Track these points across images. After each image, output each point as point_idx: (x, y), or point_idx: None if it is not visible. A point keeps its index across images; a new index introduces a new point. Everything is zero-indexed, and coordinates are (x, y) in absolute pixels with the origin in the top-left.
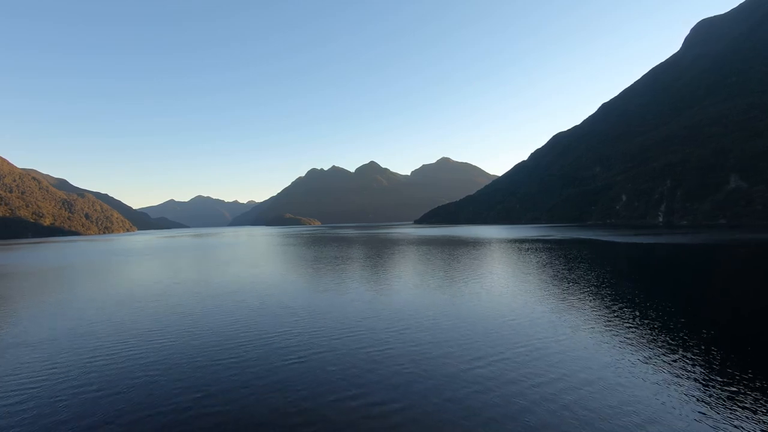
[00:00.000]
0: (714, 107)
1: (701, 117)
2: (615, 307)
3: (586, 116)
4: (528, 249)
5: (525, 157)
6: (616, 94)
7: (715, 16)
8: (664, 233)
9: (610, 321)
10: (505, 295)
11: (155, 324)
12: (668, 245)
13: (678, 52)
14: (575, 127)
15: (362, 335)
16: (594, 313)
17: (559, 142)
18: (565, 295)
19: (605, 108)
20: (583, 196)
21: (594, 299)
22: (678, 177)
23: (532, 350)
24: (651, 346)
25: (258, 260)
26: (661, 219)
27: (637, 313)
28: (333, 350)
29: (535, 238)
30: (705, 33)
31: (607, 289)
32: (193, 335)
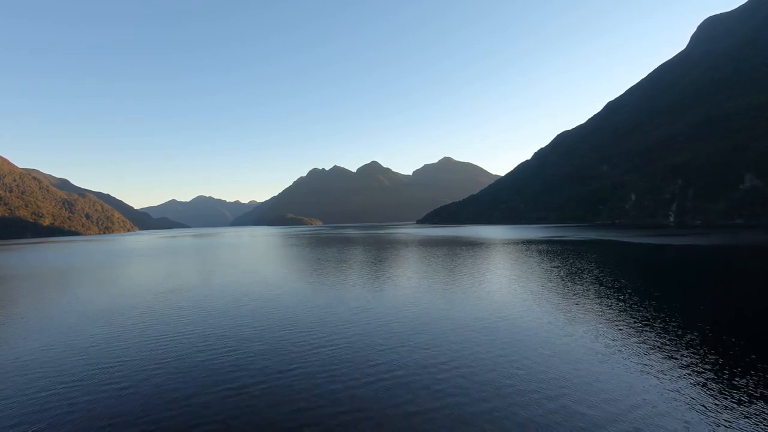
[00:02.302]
0: (727, 103)
1: (713, 114)
2: (655, 320)
3: (589, 115)
4: (547, 251)
5: (527, 156)
6: (617, 93)
7: (721, 14)
8: (682, 234)
9: (645, 334)
10: (535, 307)
11: (149, 335)
12: (693, 247)
13: (685, 49)
14: (580, 126)
15: (371, 346)
16: (640, 331)
17: (564, 141)
18: (601, 304)
19: (611, 106)
20: (590, 195)
21: (634, 311)
22: (690, 176)
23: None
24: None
25: (261, 263)
26: (672, 219)
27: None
28: (345, 372)
29: (549, 239)
30: (712, 30)
31: (647, 299)
32: (192, 345)
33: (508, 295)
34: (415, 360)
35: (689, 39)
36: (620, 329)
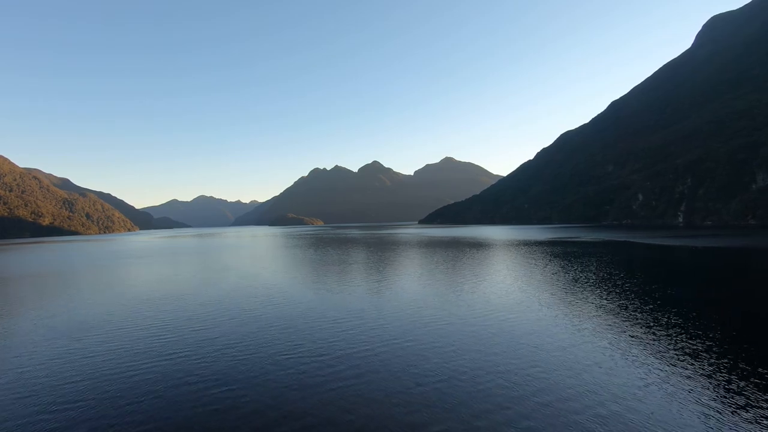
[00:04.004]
0: (735, 102)
1: (722, 113)
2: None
3: (591, 115)
4: (564, 254)
5: (528, 156)
6: (619, 92)
7: (727, 12)
8: (699, 235)
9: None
10: (556, 314)
11: (128, 350)
12: (713, 249)
13: (690, 48)
14: (584, 126)
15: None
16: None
17: (568, 140)
18: (629, 311)
19: (615, 105)
20: (596, 195)
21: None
22: (699, 175)
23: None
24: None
25: (262, 266)
26: (681, 219)
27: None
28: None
29: (560, 240)
30: (719, 28)
31: (681, 306)
32: (178, 359)
33: (526, 301)
34: (426, 368)
35: (694, 38)
36: (645, 336)
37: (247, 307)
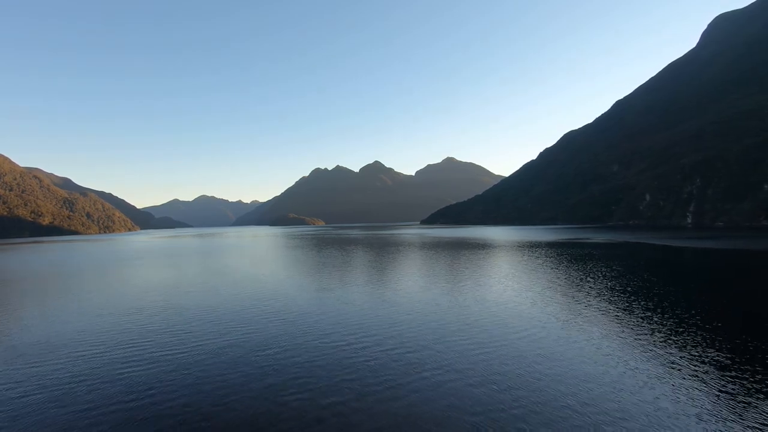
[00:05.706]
0: (742, 102)
1: (729, 113)
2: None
3: (593, 115)
4: (584, 257)
5: (529, 157)
6: (620, 91)
7: (733, 11)
8: (717, 237)
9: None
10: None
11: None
12: (734, 251)
13: (695, 48)
14: (587, 126)
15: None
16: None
17: (572, 140)
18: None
19: (620, 105)
20: (601, 195)
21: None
22: (708, 175)
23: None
24: None
25: (261, 268)
26: (689, 220)
27: None
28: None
29: (570, 241)
30: (724, 28)
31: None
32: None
33: (557, 313)
34: (433, 375)
35: (699, 37)
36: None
37: (245, 317)
